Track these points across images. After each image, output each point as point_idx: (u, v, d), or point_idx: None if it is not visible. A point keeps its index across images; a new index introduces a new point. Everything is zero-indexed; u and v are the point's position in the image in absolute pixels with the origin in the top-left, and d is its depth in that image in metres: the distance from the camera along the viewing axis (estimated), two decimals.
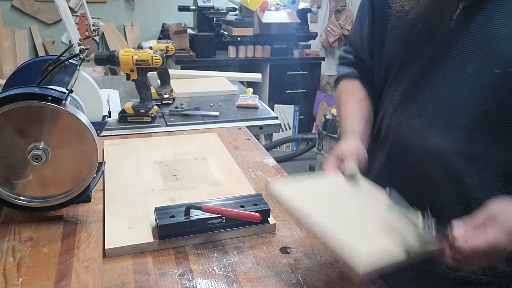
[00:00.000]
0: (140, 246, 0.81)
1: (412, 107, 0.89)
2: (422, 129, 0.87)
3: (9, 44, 3.27)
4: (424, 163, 0.88)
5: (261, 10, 3.22)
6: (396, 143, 0.93)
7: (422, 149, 0.87)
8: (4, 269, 0.75)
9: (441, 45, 0.83)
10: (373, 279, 0.76)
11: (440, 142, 0.85)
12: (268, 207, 0.88)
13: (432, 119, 0.85)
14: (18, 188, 0.84)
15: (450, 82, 0.82)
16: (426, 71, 0.86)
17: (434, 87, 0.85)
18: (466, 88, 0.80)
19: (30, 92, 0.78)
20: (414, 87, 0.88)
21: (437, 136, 0.85)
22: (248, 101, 1.75)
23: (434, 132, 0.85)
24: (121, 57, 1.43)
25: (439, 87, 0.84)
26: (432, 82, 0.85)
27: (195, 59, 3.16)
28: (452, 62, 0.81)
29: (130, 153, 1.18)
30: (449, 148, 0.84)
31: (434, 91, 0.85)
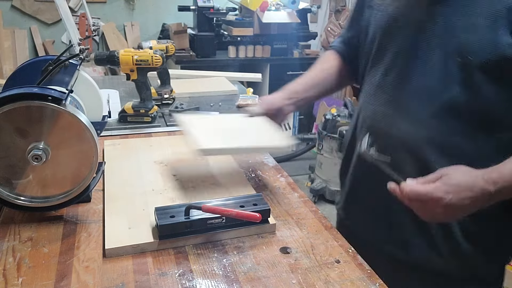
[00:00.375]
0: (140, 246, 0.81)
1: (384, 96, 0.94)
2: (393, 117, 0.92)
3: (9, 44, 3.27)
4: (396, 150, 0.92)
5: (261, 10, 3.22)
6: (372, 131, 0.97)
7: (393, 137, 0.92)
8: (4, 269, 0.75)
9: (411, 36, 0.88)
10: (373, 279, 0.76)
11: (409, 129, 0.90)
12: (268, 207, 0.88)
13: (401, 107, 0.91)
14: (18, 188, 0.84)
15: (418, 71, 0.87)
16: (397, 61, 0.91)
17: (404, 76, 0.91)
18: (432, 76, 0.85)
19: (30, 92, 0.78)
20: (386, 77, 0.93)
21: (407, 123, 0.90)
22: (248, 101, 1.75)
23: (404, 119, 0.90)
24: (121, 57, 1.42)
25: (408, 76, 0.89)
26: (402, 71, 0.90)
27: (195, 59, 3.16)
28: (420, 52, 0.87)
29: (130, 153, 1.18)
30: (417, 135, 0.89)
31: (404, 80, 0.90)
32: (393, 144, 0.92)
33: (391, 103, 0.92)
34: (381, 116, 0.95)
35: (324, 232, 0.89)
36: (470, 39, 0.80)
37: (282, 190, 1.06)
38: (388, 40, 0.93)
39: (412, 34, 0.88)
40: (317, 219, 0.94)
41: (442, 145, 0.87)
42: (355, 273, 0.77)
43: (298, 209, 0.98)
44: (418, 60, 0.87)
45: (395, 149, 0.92)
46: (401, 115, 0.90)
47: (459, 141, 0.86)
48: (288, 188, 1.07)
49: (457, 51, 0.82)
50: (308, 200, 1.02)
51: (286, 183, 1.10)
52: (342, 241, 0.87)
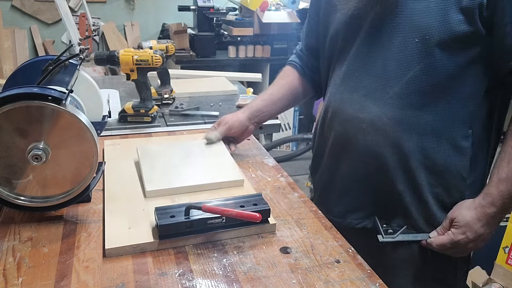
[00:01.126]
0: (140, 246, 0.81)
1: (352, 83, 1.03)
2: (360, 101, 1.01)
3: (9, 44, 3.27)
4: (366, 134, 1.00)
5: (261, 10, 3.22)
6: (341, 119, 1.06)
7: (362, 120, 1.00)
8: (4, 269, 0.75)
9: (373, 28, 0.97)
10: (373, 279, 0.76)
11: (376, 111, 0.98)
12: (268, 207, 0.88)
13: (368, 90, 0.99)
14: (18, 188, 0.84)
15: (381, 55, 0.96)
16: (362, 50, 1.00)
17: (369, 62, 0.99)
18: (393, 58, 0.95)
19: (30, 92, 0.77)
20: (353, 66, 1.02)
21: (373, 105, 0.99)
22: (248, 101, 1.75)
23: (371, 102, 0.99)
24: (121, 57, 1.43)
25: (373, 61, 0.98)
26: (367, 58, 0.99)
27: (195, 59, 3.16)
28: (382, 38, 0.96)
29: (130, 153, 1.18)
30: (384, 115, 0.97)
31: (369, 65, 0.99)
32: (364, 128, 1.00)
33: (358, 89, 1.01)
34: (349, 102, 1.03)
35: (324, 232, 0.89)
36: (425, 22, 0.89)
37: (282, 190, 1.06)
38: (351, 35, 1.01)
39: (374, 26, 0.96)
40: (317, 219, 0.94)
41: (407, 121, 0.96)
42: (355, 273, 0.77)
43: (298, 209, 0.98)
44: (380, 47, 0.96)
45: (366, 133, 1.00)
46: (368, 98, 0.99)
47: (422, 116, 0.95)
48: (288, 188, 1.07)
49: (415, 33, 0.91)
50: (308, 200, 1.02)
51: (286, 183, 1.10)
52: (342, 241, 0.87)
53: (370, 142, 1.00)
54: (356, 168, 1.05)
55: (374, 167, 1.01)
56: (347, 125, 1.04)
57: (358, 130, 1.01)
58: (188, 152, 1.13)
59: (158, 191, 0.97)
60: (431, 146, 0.97)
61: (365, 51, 0.99)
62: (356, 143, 1.02)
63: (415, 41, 0.91)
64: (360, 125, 1.01)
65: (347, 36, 1.03)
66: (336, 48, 1.07)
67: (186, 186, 1.00)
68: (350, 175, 1.07)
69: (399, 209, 1.02)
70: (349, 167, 1.07)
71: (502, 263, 1.85)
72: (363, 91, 1.00)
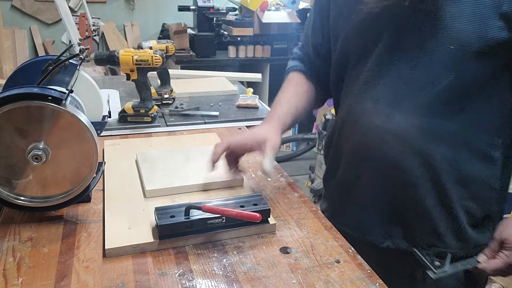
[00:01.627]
0: (140, 246, 0.81)
1: (375, 92, 0.93)
2: (387, 112, 0.92)
3: (9, 44, 3.27)
4: (392, 146, 0.92)
5: (261, 10, 3.22)
6: (362, 130, 0.96)
7: (388, 132, 0.92)
8: (4, 269, 0.75)
9: (396, 30, 0.88)
10: (373, 279, 0.76)
11: (404, 122, 0.90)
12: (268, 207, 0.88)
13: (395, 100, 0.91)
14: (18, 188, 0.84)
15: (410, 63, 0.88)
16: (385, 57, 0.91)
17: (394, 70, 0.90)
18: (424, 66, 0.86)
19: (30, 92, 0.77)
20: (375, 74, 0.93)
21: (401, 116, 0.90)
22: (248, 101, 1.75)
23: (398, 112, 0.90)
24: (121, 57, 1.43)
25: (399, 69, 0.89)
26: (392, 65, 0.90)
27: (195, 59, 3.16)
28: (409, 44, 0.87)
29: (130, 153, 1.18)
30: (412, 126, 0.89)
31: (395, 73, 0.90)
32: (388, 139, 0.92)
33: (383, 99, 0.92)
34: (372, 113, 0.94)
35: (324, 232, 0.89)
36: (462, 27, 0.81)
37: (282, 190, 1.06)
38: (370, 40, 0.93)
39: (397, 31, 0.88)
40: (317, 219, 0.94)
41: (436, 131, 0.89)
42: (355, 273, 0.77)
43: (298, 209, 0.98)
44: (408, 53, 0.88)
45: (392, 145, 0.92)
46: (394, 109, 0.91)
47: (451, 126, 0.88)
48: (288, 188, 1.07)
49: (451, 39, 0.83)
50: (308, 200, 1.02)
51: (286, 183, 1.10)
52: (342, 241, 0.87)
53: (395, 154, 0.93)
54: (378, 182, 0.97)
55: (398, 181, 0.94)
56: (370, 137, 0.95)
57: (382, 142, 0.93)
58: (187, 155, 1.14)
59: (158, 190, 0.97)
60: (461, 157, 0.90)
61: (389, 57, 0.91)
62: (379, 156, 0.95)
63: (449, 48, 0.83)
64: (385, 136, 0.92)
65: (366, 40, 0.94)
66: (350, 53, 0.99)
67: (186, 186, 1.00)
68: (371, 190, 0.99)
69: (426, 225, 0.94)
70: (369, 181, 0.99)
71: None
72: (388, 100, 0.92)
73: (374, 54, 0.93)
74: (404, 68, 0.89)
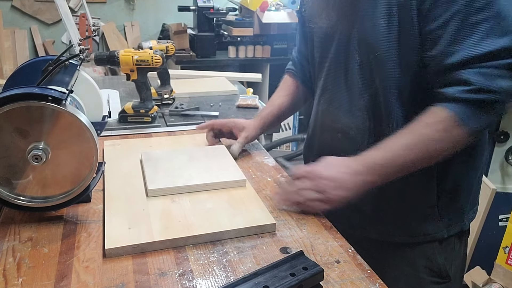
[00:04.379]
0: (140, 246, 0.80)
1: (327, 96, 1.09)
2: (334, 113, 1.07)
3: (9, 44, 3.27)
4: (339, 142, 1.06)
5: (261, 10, 3.22)
6: (322, 129, 1.12)
7: (336, 130, 1.07)
8: (4, 269, 0.75)
9: (339, 44, 1.01)
10: (373, 279, 0.76)
11: (346, 122, 1.04)
12: (321, 269, 0.73)
13: (339, 103, 1.05)
14: (18, 188, 0.84)
15: (347, 71, 1.01)
16: (332, 65, 1.05)
17: (338, 77, 1.04)
18: (357, 75, 0.99)
19: (30, 92, 0.77)
20: (327, 80, 1.08)
21: (344, 117, 1.04)
22: (248, 101, 1.75)
23: (341, 114, 1.04)
24: (121, 57, 1.43)
25: (341, 76, 1.03)
26: (336, 73, 1.04)
27: (195, 59, 3.16)
28: (345, 57, 1.01)
29: (130, 153, 1.18)
30: (353, 125, 1.02)
31: (339, 80, 1.04)
32: (339, 137, 1.06)
33: (332, 102, 1.07)
34: (326, 114, 1.09)
35: (324, 232, 0.89)
36: (374, 38, 0.92)
37: None
38: (325, 49, 1.06)
39: (340, 43, 1.01)
40: (317, 219, 0.94)
41: (376, 131, 0.99)
42: (355, 273, 0.77)
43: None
44: (347, 63, 1.01)
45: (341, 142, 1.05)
46: (340, 111, 1.04)
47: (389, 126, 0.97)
48: None
49: (369, 50, 0.94)
50: None
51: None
52: (342, 241, 0.87)
53: (345, 150, 1.00)
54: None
55: None
56: (326, 135, 1.10)
57: (335, 140, 1.07)
58: (190, 156, 1.14)
59: (161, 189, 0.97)
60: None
61: (335, 66, 1.04)
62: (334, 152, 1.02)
63: (370, 57, 0.94)
64: (336, 134, 1.06)
65: (322, 51, 1.07)
66: (315, 61, 1.12)
67: (188, 186, 1.00)
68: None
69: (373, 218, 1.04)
70: None
71: (502, 263, 1.86)
72: (336, 103, 1.05)
73: (327, 63, 1.06)
74: (346, 76, 1.02)
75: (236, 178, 1.04)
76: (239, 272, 0.76)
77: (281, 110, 1.27)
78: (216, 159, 1.13)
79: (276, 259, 0.80)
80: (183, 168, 1.07)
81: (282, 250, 0.83)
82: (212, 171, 1.05)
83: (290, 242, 0.86)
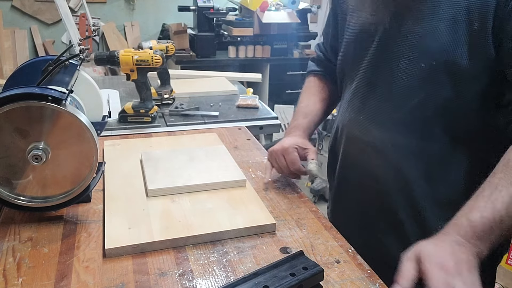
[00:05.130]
0: (140, 246, 0.80)
1: (357, 104, 0.97)
2: (365, 124, 0.95)
3: (9, 44, 3.27)
4: (369, 157, 0.95)
5: (261, 10, 3.22)
6: (347, 138, 1.02)
7: (366, 143, 0.95)
8: (4, 269, 0.75)
9: (379, 45, 0.90)
10: (373, 279, 0.76)
11: (380, 136, 0.93)
12: (321, 269, 0.73)
13: (372, 114, 0.93)
14: (18, 188, 0.84)
15: (386, 79, 0.90)
16: (367, 70, 0.94)
17: (375, 83, 0.92)
18: (399, 83, 0.88)
19: (30, 92, 0.77)
20: (359, 85, 0.96)
21: (377, 130, 0.93)
22: (248, 101, 1.75)
23: (375, 126, 0.93)
24: (121, 57, 1.43)
25: (377, 84, 0.92)
26: (372, 79, 0.93)
27: (195, 59, 3.16)
28: (388, 60, 0.89)
29: (130, 153, 1.18)
30: (388, 141, 0.91)
31: (375, 87, 0.92)
32: (368, 151, 0.95)
33: (363, 110, 0.95)
34: (354, 123, 0.98)
35: (324, 232, 0.89)
36: (431, 44, 0.82)
37: (282, 190, 1.06)
38: (361, 49, 0.95)
39: (380, 44, 0.90)
40: (317, 219, 0.94)
41: (411, 148, 0.89)
42: (355, 273, 0.77)
43: (298, 209, 0.98)
44: (385, 69, 0.90)
45: (369, 156, 0.95)
46: (372, 122, 0.93)
47: (427, 144, 0.88)
48: (288, 188, 1.07)
49: (420, 57, 0.83)
50: (308, 200, 1.02)
51: (286, 183, 1.10)
52: (342, 241, 0.87)
53: (373, 166, 0.94)
54: (358, 190, 1.02)
55: (374, 191, 0.97)
56: (352, 146, 1.00)
57: (362, 153, 0.97)
58: (190, 156, 1.14)
59: (161, 189, 0.97)
60: (437, 176, 0.89)
61: (372, 70, 0.93)
62: (360, 166, 0.98)
63: (421, 65, 0.84)
64: (364, 147, 0.96)
65: (357, 51, 0.96)
66: (347, 62, 1.01)
67: (188, 185, 1.00)
68: (355, 197, 1.03)
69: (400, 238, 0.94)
70: (351, 188, 1.04)
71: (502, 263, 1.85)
72: (367, 113, 0.94)
73: (362, 66, 0.95)
74: (384, 83, 0.90)
75: (236, 178, 1.04)
76: (239, 272, 0.76)
77: (320, 120, 1.14)
78: (216, 159, 1.13)
79: (276, 259, 0.80)
80: (183, 168, 1.07)
81: (282, 250, 0.83)
82: (212, 171, 1.05)
83: (290, 242, 0.86)
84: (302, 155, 1.04)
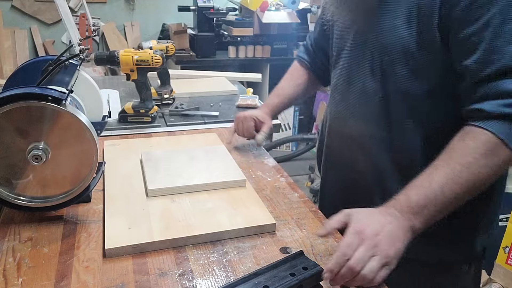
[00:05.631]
0: (140, 246, 0.81)
1: (337, 97, 1.03)
2: (343, 116, 1.01)
3: (9, 44, 3.27)
4: (347, 147, 1.01)
5: (261, 10, 3.22)
6: (330, 130, 1.08)
7: (344, 134, 1.01)
8: (4, 269, 0.75)
9: (354, 41, 0.96)
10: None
11: (355, 127, 0.97)
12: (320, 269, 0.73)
13: (348, 106, 0.99)
14: (18, 188, 0.84)
15: (358, 73, 0.95)
16: (344, 65, 1.00)
17: (348, 78, 0.99)
18: (367, 77, 0.93)
19: (30, 92, 0.77)
20: (338, 80, 1.02)
21: (353, 121, 0.98)
22: (248, 101, 1.75)
23: (351, 118, 0.98)
24: (121, 57, 1.42)
25: (352, 78, 0.97)
26: (347, 74, 0.99)
27: (195, 59, 3.15)
28: (359, 57, 0.95)
29: (130, 153, 1.18)
30: (363, 132, 0.96)
31: (352, 81, 0.98)
32: (346, 141, 1.01)
33: (342, 104, 1.01)
34: (334, 115, 1.04)
35: None
36: (390, 39, 0.87)
37: (282, 190, 1.06)
38: (342, 45, 1.02)
39: (355, 39, 0.96)
40: (317, 219, 0.94)
41: (386, 139, 0.93)
42: None
43: (298, 209, 0.98)
44: (358, 63, 0.95)
45: (349, 147, 1.00)
46: (350, 114, 0.99)
47: (401, 135, 0.92)
48: (288, 188, 1.07)
49: (383, 52, 0.89)
50: (308, 200, 1.02)
51: (286, 183, 1.10)
52: None
53: (355, 160, 0.98)
54: (338, 182, 1.08)
55: (353, 183, 1.02)
56: (335, 140, 1.07)
57: (344, 146, 1.03)
58: (190, 156, 1.14)
59: (161, 189, 0.98)
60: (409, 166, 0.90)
61: (348, 66, 0.99)
62: (340, 156, 1.02)
63: (383, 59, 0.89)
64: (345, 140, 1.02)
65: (338, 48, 1.03)
66: (332, 56, 1.08)
67: (188, 186, 1.00)
68: (333, 189, 1.10)
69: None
70: (333, 180, 1.10)
71: (502, 263, 1.85)
72: (346, 105, 1.00)
73: (341, 61, 1.01)
74: (359, 77, 0.96)
75: (236, 178, 1.04)
76: (239, 272, 0.76)
77: (290, 101, 1.28)
78: (216, 159, 1.13)
79: (276, 259, 0.80)
80: (183, 168, 1.07)
81: (282, 250, 0.83)
82: (212, 171, 1.05)
83: (290, 242, 0.86)
84: (258, 127, 1.24)
